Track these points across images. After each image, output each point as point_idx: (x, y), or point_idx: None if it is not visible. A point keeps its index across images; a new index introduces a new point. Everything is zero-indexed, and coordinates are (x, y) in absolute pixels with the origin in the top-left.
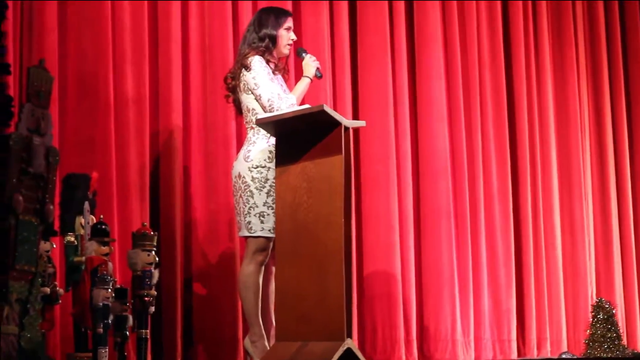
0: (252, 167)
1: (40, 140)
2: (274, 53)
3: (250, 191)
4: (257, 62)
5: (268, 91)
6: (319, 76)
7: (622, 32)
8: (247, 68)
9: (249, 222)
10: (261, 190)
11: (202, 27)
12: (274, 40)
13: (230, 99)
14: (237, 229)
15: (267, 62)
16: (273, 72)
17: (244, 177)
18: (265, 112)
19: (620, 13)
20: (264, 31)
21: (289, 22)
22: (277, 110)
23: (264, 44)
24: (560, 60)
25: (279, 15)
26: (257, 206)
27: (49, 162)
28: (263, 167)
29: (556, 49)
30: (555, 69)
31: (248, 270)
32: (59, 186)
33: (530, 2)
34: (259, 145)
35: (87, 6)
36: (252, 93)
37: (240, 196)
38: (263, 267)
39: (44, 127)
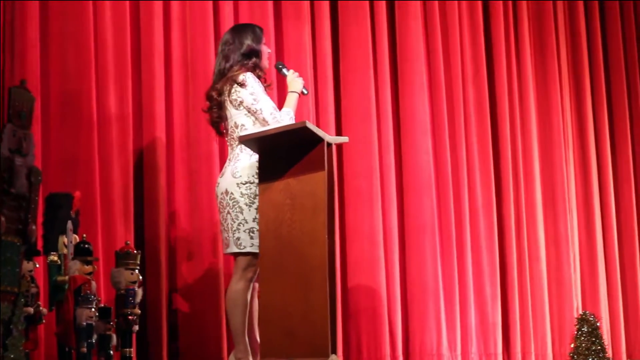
0: (241, 183)
1: (22, 161)
2: (259, 68)
3: (240, 207)
4: (250, 78)
5: (269, 105)
6: (305, 93)
7: (602, 39)
8: (242, 85)
9: (238, 238)
10: (250, 206)
11: (185, 42)
12: (258, 55)
13: (213, 115)
14: (224, 246)
15: (258, 77)
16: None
17: (231, 193)
18: (265, 125)
19: (601, 22)
20: (246, 47)
21: (263, 36)
22: (281, 122)
23: (251, 61)
24: (542, 73)
25: (255, 30)
26: (246, 222)
27: (31, 182)
28: (251, 182)
29: (538, 60)
30: (538, 82)
31: (237, 287)
32: (41, 206)
33: (511, 15)
34: (246, 161)
35: (69, 23)
36: (246, 109)
37: (229, 212)
38: (251, 284)
39: (26, 148)
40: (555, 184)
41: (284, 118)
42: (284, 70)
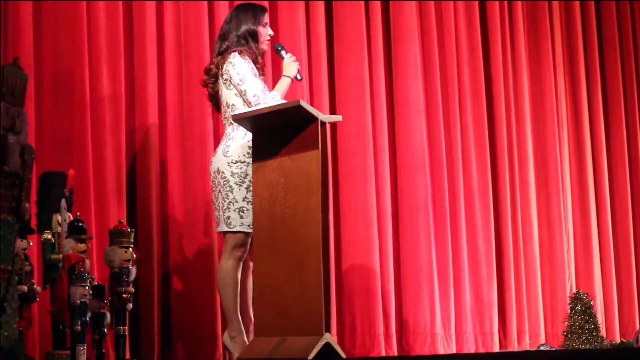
0: (232, 162)
1: (15, 139)
2: (255, 50)
3: (230, 186)
4: (239, 58)
5: (254, 86)
6: (299, 78)
7: (597, 22)
8: (231, 64)
9: (228, 217)
10: (241, 186)
11: (178, 23)
12: (254, 37)
13: (209, 90)
14: (215, 225)
15: (253, 60)
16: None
17: (223, 172)
18: (250, 107)
19: (595, 2)
20: (244, 28)
21: (266, 18)
22: (263, 104)
23: (245, 42)
24: (536, 53)
25: (256, 11)
26: (236, 201)
27: (25, 160)
28: (242, 162)
29: (532, 40)
30: (532, 62)
31: (227, 266)
32: (35, 184)
33: None
34: (238, 141)
35: (62, 5)
36: (235, 88)
37: (220, 191)
38: (241, 263)
39: (19, 125)
40: (549, 164)
41: (267, 101)
42: (282, 52)
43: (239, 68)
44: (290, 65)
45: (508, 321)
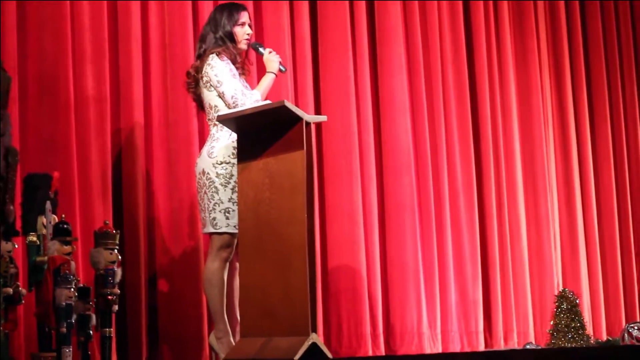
0: (217, 163)
1: None
2: (233, 50)
3: (215, 187)
4: (217, 59)
5: (231, 88)
6: (283, 70)
7: (582, 22)
8: (209, 66)
9: (214, 218)
10: (226, 186)
11: (162, 24)
12: (231, 37)
13: (191, 94)
14: (202, 226)
15: (232, 60)
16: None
17: (208, 173)
18: (229, 108)
19: (580, 2)
20: (220, 29)
21: (244, 17)
22: (242, 106)
23: (223, 42)
24: (522, 53)
25: (232, 11)
26: (222, 202)
27: (9, 162)
28: (227, 163)
29: (518, 40)
30: (518, 61)
31: (213, 266)
32: (20, 186)
33: None
34: (223, 142)
35: (46, 6)
36: (214, 90)
37: (205, 192)
38: (227, 264)
39: (3, 127)
40: (535, 163)
41: (246, 102)
42: (260, 49)
43: (217, 70)
44: (271, 60)
45: (494, 320)
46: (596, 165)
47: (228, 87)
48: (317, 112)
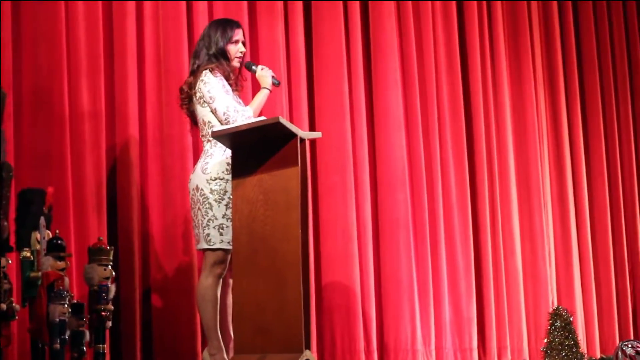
0: (211, 180)
1: None
2: (226, 67)
3: (209, 203)
4: (211, 75)
5: (224, 104)
6: (276, 84)
7: (576, 37)
8: (203, 82)
9: (208, 235)
10: (220, 203)
11: (157, 39)
12: (224, 55)
13: (185, 110)
14: (195, 242)
15: (225, 77)
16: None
17: (202, 189)
18: (221, 125)
19: (574, 18)
20: (214, 47)
21: (238, 35)
22: (233, 122)
23: (216, 59)
24: (517, 69)
25: (226, 28)
26: (216, 218)
27: (3, 177)
28: (221, 179)
29: (512, 56)
30: (512, 76)
31: (206, 283)
32: (14, 201)
33: (485, 11)
34: (217, 158)
35: (42, 22)
36: (208, 106)
37: (199, 209)
38: (221, 280)
39: None
40: (530, 179)
41: (238, 119)
42: (253, 67)
43: (209, 86)
44: (264, 76)
45: (487, 337)
46: (590, 181)
47: (220, 104)
48: (312, 127)
